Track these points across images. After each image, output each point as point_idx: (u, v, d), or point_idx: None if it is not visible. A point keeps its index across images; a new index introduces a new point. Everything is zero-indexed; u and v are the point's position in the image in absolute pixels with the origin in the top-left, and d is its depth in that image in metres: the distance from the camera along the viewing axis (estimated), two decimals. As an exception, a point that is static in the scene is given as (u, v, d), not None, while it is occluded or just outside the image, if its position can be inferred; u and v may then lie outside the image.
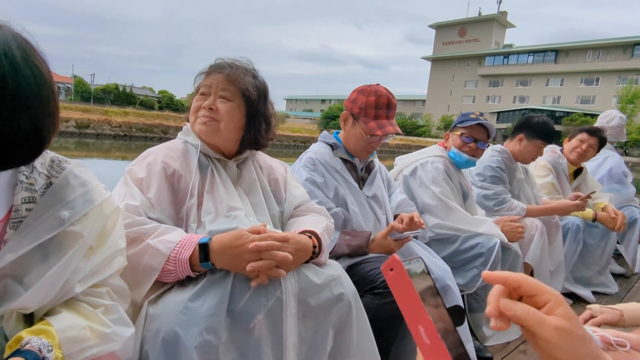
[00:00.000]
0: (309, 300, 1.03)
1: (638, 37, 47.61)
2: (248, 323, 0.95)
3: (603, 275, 2.72)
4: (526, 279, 0.45)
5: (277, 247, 0.97)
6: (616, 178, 3.04)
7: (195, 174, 1.12)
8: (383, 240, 1.52)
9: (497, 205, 2.23)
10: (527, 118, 2.35)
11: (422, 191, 1.96)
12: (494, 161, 2.30)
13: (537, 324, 0.42)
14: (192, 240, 0.97)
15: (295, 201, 1.30)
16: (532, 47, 57.73)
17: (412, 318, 0.43)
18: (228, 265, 0.97)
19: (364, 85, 1.62)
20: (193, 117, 1.18)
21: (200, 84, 1.19)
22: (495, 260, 1.82)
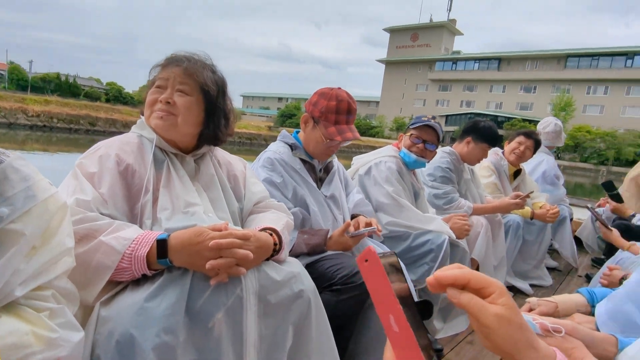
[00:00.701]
0: (269, 297, 1.03)
1: (570, 50, 51.97)
2: (207, 322, 0.93)
3: (539, 269, 2.96)
4: (473, 274, 0.48)
5: (238, 245, 0.96)
6: (549, 180, 3.33)
7: (151, 169, 1.08)
8: (340, 237, 1.54)
9: (446, 204, 2.35)
10: (474, 122, 2.50)
11: (376, 190, 2.02)
12: (443, 162, 2.43)
13: (478, 311, 0.46)
14: (150, 236, 0.94)
15: (255, 198, 1.30)
16: (478, 55, 61.06)
17: (383, 307, 0.45)
18: (187, 263, 0.94)
19: (326, 88, 1.63)
20: (148, 111, 1.14)
21: (156, 76, 1.15)
22: (444, 256, 1.91)
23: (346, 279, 1.40)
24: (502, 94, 56.35)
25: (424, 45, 65.89)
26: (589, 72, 48.63)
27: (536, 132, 2.94)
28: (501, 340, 0.46)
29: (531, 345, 0.46)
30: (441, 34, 64.50)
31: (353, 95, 1.65)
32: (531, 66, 54.73)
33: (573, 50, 51.52)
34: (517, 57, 56.40)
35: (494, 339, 0.46)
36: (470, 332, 2.12)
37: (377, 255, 0.45)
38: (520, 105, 54.08)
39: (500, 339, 0.46)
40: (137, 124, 1.18)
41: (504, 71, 56.70)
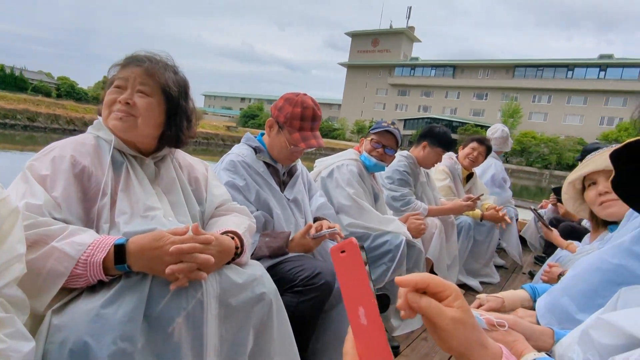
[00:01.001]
0: (231, 300, 1.03)
1: (517, 60, 55.35)
2: (167, 327, 0.92)
3: (488, 267, 3.14)
4: (432, 279, 0.52)
5: (199, 249, 0.94)
6: (497, 183, 3.55)
7: (108, 171, 1.05)
8: (302, 239, 1.56)
9: (403, 206, 2.45)
10: (430, 128, 2.61)
11: (337, 192, 2.07)
12: (401, 165, 2.53)
13: (436, 315, 0.50)
14: (107, 241, 0.91)
15: (217, 200, 1.29)
16: (434, 62, 63.44)
17: (354, 299, 0.46)
18: (146, 267, 0.92)
19: (292, 94, 1.64)
20: (107, 111, 1.10)
21: (114, 75, 1.11)
22: (401, 256, 1.99)
23: (307, 280, 1.42)
24: (457, 100, 58.92)
25: (384, 50, 67.54)
26: (534, 81, 52.04)
27: (488, 139, 3.13)
28: (456, 342, 0.50)
29: (482, 345, 0.50)
30: (400, 40, 66.38)
31: (316, 97, 1.68)
32: (483, 74, 57.63)
33: (520, 61, 54.96)
34: (470, 65, 59.27)
35: (449, 341, 0.50)
36: (424, 329, 2.22)
37: (357, 246, 0.47)
38: (473, 111, 56.79)
39: (456, 340, 0.50)
40: (93, 124, 1.14)
41: (458, 78, 59.33)
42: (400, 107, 63.69)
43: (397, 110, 63.28)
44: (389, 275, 2.00)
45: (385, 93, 65.46)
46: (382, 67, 66.05)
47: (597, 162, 1.43)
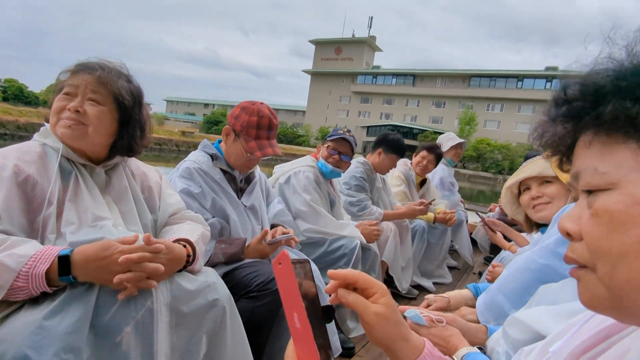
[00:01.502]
0: (182, 308, 1.03)
1: (472, 70, 58.14)
2: (115, 337, 0.91)
3: (441, 269, 3.29)
4: (361, 275, 0.57)
5: (148, 258, 0.94)
6: (446, 186, 3.75)
7: (55, 181, 1.02)
8: (257, 245, 1.58)
9: (360, 211, 2.53)
10: (384, 135, 2.72)
11: (294, 198, 2.11)
12: (357, 172, 2.61)
13: (361, 309, 0.55)
14: (50, 252, 0.89)
15: (170, 209, 1.29)
16: (395, 71, 65.31)
17: (290, 305, 0.50)
18: (92, 278, 0.91)
19: (248, 102, 1.66)
20: (55, 118, 1.08)
21: (64, 82, 1.09)
22: (356, 259, 2.06)
23: (262, 285, 1.44)
24: (417, 108, 60.84)
25: (347, 58, 68.71)
26: (488, 91, 54.79)
27: (437, 146, 3.29)
28: (380, 335, 0.54)
29: (404, 338, 0.55)
30: (362, 49, 67.82)
31: (281, 104, 1.73)
32: (441, 83, 59.98)
33: (475, 71, 57.73)
34: (429, 74, 61.49)
35: (374, 333, 0.55)
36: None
37: (289, 258, 0.52)
38: (432, 118, 58.83)
39: (379, 333, 0.54)
40: (40, 131, 1.11)
41: (418, 87, 61.33)
42: (363, 114, 64.91)
43: (360, 117, 64.43)
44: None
45: (349, 100, 66.51)
46: (345, 75, 67.13)
47: (531, 169, 1.56)
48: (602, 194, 0.37)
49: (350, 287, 0.57)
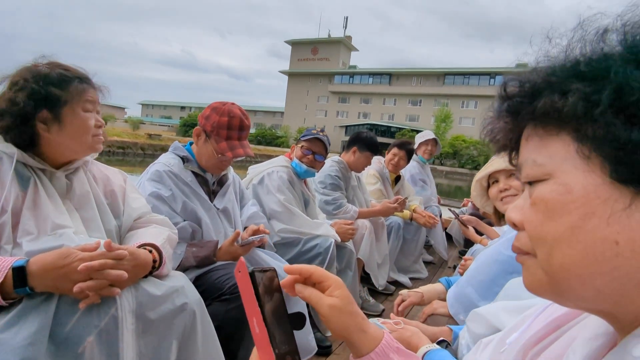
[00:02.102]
0: (149, 314, 1.01)
1: (446, 69, 59.32)
2: (76, 348, 0.88)
3: (417, 264, 3.34)
4: (316, 269, 0.58)
5: (110, 265, 0.91)
6: (417, 183, 3.81)
7: (11, 188, 0.98)
8: (230, 247, 1.57)
9: (335, 210, 2.54)
10: (357, 134, 2.74)
11: (268, 198, 2.10)
12: (332, 170, 2.62)
13: (317, 303, 0.56)
14: (3, 264, 0.86)
15: (135, 214, 1.25)
16: (371, 70, 65.97)
17: (250, 311, 0.52)
18: (51, 287, 0.88)
19: (218, 103, 1.64)
20: (89, 136, 1.11)
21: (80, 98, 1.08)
22: (331, 258, 2.06)
23: (235, 288, 1.43)
24: (394, 107, 61.62)
25: (324, 59, 68.95)
26: (462, 88, 56.03)
27: (409, 142, 3.33)
28: (335, 326, 0.55)
29: (361, 329, 0.56)
30: (339, 48, 68.18)
31: (259, 106, 1.73)
32: (416, 82, 60.94)
33: (449, 69, 58.90)
34: (404, 73, 62.39)
35: (330, 325, 0.56)
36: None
37: (246, 266, 0.53)
38: (409, 117, 59.71)
39: (334, 325, 0.55)
40: None
41: (394, 85, 62.14)
42: (341, 114, 65.27)
43: (338, 117, 64.77)
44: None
45: (327, 100, 66.75)
46: (322, 75, 67.33)
47: (499, 162, 1.61)
48: (539, 185, 0.38)
49: (309, 282, 0.58)
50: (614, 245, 0.33)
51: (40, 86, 1.02)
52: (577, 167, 0.35)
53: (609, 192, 0.34)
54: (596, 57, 0.36)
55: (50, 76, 1.04)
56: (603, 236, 0.34)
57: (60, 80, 1.05)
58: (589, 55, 0.37)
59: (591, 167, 0.35)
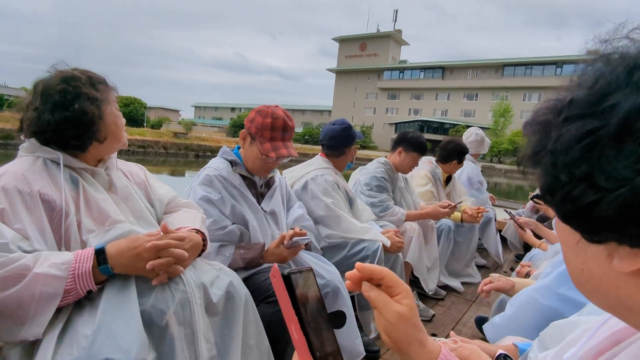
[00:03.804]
0: (210, 289, 1.11)
1: (506, 59, 55.90)
2: (161, 321, 0.98)
3: (470, 268, 3.20)
4: (388, 273, 0.56)
5: (174, 245, 1.03)
6: (474, 185, 3.64)
7: (65, 191, 1.03)
8: (276, 249, 1.58)
9: (382, 212, 2.50)
10: (403, 134, 2.68)
11: (314, 203, 2.11)
12: (379, 172, 2.59)
13: (383, 307, 0.54)
14: (87, 252, 0.96)
15: (165, 199, 1.35)
16: (422, 64, 63.95)
17: (287, 317, 0.52)
18: (127, 267, 0.99)
19: (263, 106, 1.68)
20: (121, 133, 1.19)
21: (110, 98, 1.16)
22: (379, 261, 2.04)
23: (281, 290, 1.46)
24: (447, 102, 59.30)
25: (372, 54, 67.99)
26: (524, 80, 52.45)
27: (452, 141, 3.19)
28: (397, 335, 0.53)
29: (421, 344, 0.54)
30: (388, 43, 66.87)
31: (307, 104, 1.76)
32: (472, 75, 58.06)
33: (508, 60, 55.47)
34: (459, 66, 59.75)
35: (392, 334, 0.54)
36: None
37: (279, 272, 0.54)
38: (464, 112, 57.13)
39: (397, 334, 0.53)
40: (26, 146, 1.08)
41: (447, 79, 59.75)
42: (391, 110, 64.06)
43: (387, 114, 63.67)
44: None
45: (375, 97, 65.85)
46: (370, 72, 66.47)
47: None
48: None
49: (374, 283, 0.57)
50: (582, 272, 0.39)
51: (87, 89, 1.08)
52: None
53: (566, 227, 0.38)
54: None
55: (88, 79, 1.10)
56: (575, 264, 0.39)
57: (95, 82, 1.12)
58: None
59: None
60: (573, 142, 0.33)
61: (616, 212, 0.31)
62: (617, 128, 0.31)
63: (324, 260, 1.85)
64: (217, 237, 1.53)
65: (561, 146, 0.35)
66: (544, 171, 0.37)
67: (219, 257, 1.52)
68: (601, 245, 0.35)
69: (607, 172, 0.31)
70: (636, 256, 0.33)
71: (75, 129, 1.06)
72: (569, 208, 0.35)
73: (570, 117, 0.35)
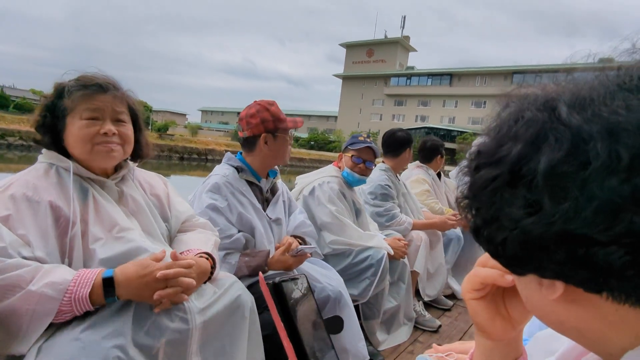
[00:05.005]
0: (211, 313, 1.07)
1: (515, 67, 55.73)
2: (152, 350, 0.96)
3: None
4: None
5: (183, 274, 1.01)
6: None
7: (74, 200, 1.03)
8: (282, 256, 1.58)
9: (388, 221, 2.48)
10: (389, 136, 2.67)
11: (320, 210, 2.10)
12: (382, 179, 2.56)
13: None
14: (89, 276, 0.94)
15: (182, 217, 1.32)
16: (430, 71, 63.97)
17: (277, 325, 0.53)
18: (133, 295, 0.97)
19: (248, 109, 1.69)
20: (89, 145, 1.06)
21: (80, 106, 1.06)
22: (383, 270, 2.02)
23: (285, 298, 1.45)
24: (455, 109, 59.19)
25: (379, 60, 68.19)
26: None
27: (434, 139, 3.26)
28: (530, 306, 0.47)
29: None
30: (396, 49, 67.07)
31: (313, 110, 1.79)
32: (480, 82, 57.97)
33: (517, 67, 55.31)
34: (467, 73, 59.69)
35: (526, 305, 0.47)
36: (411, 342, 2.24)
37: (265, 284, 0.53)
38: (472, 119, 56.90)
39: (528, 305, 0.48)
40: (43, 153, 1.09)
41: (455, 86, 59.68)
42: (397, 117, 64.06)
43: (394, 120, 63.63)
44: (373, 289, 2.02)
45: (382, 104, 65.92)
46: (377, 78, 66.60)
47: None
48: None
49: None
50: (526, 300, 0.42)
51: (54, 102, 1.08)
52: None
53: None
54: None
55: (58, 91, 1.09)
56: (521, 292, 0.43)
57: (68, 91, 1.07)
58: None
59: None
60: (480, 189, 0.37)
61: (520, 249, 0.35)
62: (509, 175, 0.34)
63: (326, 266, 1.84)
64: (223, 246, 1.52)
65: (473, 193, 0.39)
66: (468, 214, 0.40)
67: (224, 265, 1.51)
68: (529, 276, 0.38)
69: (507, 214, 0.34)
70: (553, 286, 0.36)
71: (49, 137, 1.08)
72: (488, 247, 0.39)
73: (479, 165, 0.38)
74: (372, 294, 2.04)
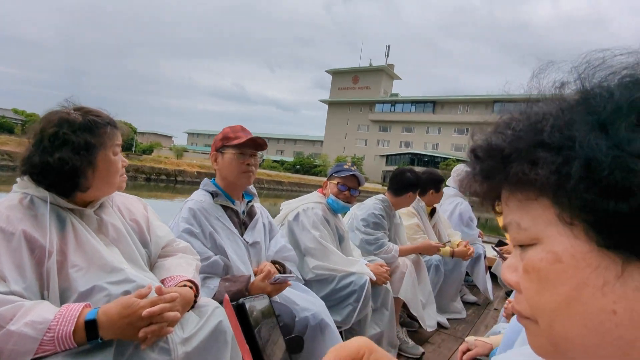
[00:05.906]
0: (193, 341, 1.07)
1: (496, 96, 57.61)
2: None
3: (456, 302, 3.17)
4: (338, 352, 0.51)
5: (168, 309, 0.99)
6: (465, 222, 3.65)
7: (51, 230, 1.00)
8: (261, 283, 1.57)
9: (376, 249, 2.50)
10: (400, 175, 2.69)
11: (304, 235, 2.11)
12: (377, 208, 2.60)
13: None
14: (71, 313, 0.91)
15: (162, 242, 1.31)
16: (414, 98, 65.63)
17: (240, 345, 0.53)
18: (117, 334, 0.95)
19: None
20: (117, 178, 1.16)
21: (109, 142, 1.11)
22: (366, 296, 2.02)
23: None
24: (438, 136, 60.48)
25: (364, 87, 69.73)
26: (511, 116, 53.89)
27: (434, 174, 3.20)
28: None
29: None
30: (380, 77, 68.80)
31: (299, 134, 1.81)
32: (463, 110, 59.60)
33: (499, 96, 57.16)
34: (449, 100, 61.40)
35: None
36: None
37: (230, 305, 0.54)
38: (455, 146, 58.19)
39: None
40: (18, 183, 1.06)
41: (438, 114, 61.18)
42: (382, 142, 65.05)
43: (378, 145, 64.59)
44: (356, 316, 2.02)
45: (367, 129, 66.96)
46: (362, 104, 67.91)
47: None
48: (529, 249, 0.36)
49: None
50: (613, 315, 0.31)
51: (78, 136, 1.04)
52: (562, 234, 0.33)
53: (598, 259, 0.31)
54: (558, 123, 0.33)
55: (84, 124, 1.06)
56: (600, 306, 0.31)
57: (94, 127, 1.08)
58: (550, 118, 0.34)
59: (576, 234, 0.32)
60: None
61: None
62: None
63: (309, 292, 1.83)
64: (202, 269, 1.51)
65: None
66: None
67: (203, 290, 1.49)
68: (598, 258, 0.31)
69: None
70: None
71: (56, 177, 1.03)
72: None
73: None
74: (355, 320, 2.03)
